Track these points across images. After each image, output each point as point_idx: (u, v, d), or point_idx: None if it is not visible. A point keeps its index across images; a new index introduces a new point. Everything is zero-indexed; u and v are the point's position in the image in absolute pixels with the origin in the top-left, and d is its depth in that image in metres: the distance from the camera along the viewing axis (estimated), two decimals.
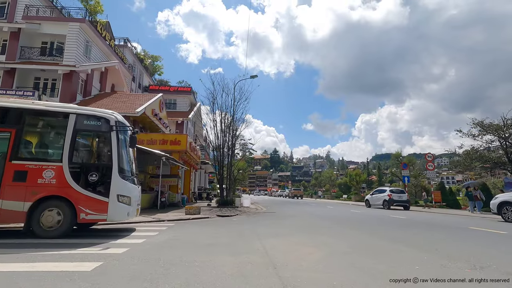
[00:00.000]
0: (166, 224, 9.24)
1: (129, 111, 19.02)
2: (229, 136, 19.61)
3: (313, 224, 9.78)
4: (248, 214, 13.86)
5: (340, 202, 32.27)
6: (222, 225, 8.94)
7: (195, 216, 11.63)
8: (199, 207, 13.11)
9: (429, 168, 21.50)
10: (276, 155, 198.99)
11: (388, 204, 18.46)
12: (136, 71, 31.92)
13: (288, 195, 51.60)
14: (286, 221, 10.66)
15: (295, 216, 12.97)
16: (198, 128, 36.72)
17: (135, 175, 7.46)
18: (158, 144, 19.13)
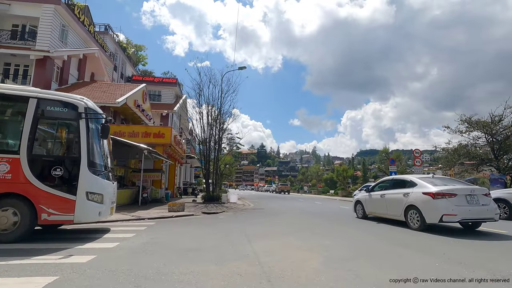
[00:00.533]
0: (146, 223, 8.47)
1: (109, 101, 17.89)
2: (216, 130, 18.83)
3: (305, 222, 9.26)
4: (235, 210, 13.23)
5: (327, 198, 32.16)
6: (207, 224, 8.26)
7: (179, 214, 10.89)
8: (183, 204, 12.37)
9: (417, 164, 21.45)
10: (263, 150, 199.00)
11: None
12: (118, 60, 30.39)
13: (275, 190, 51.33)
14: (276, 218, 10.09)
15: (285, 212, 12.44)
16: (183, 121, 35.62)
17: (110, 170, 6.65)
18: (141, 137, 18.15)
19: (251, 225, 8.24)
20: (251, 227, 7.68)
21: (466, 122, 19.08)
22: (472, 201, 6.68)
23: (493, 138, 17.27)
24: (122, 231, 6.77)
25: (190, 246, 5.11)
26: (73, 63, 20.93)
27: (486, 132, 17.48)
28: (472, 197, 6.73)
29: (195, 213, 11.62)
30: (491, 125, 17.16)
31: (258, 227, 7.76)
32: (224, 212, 12.20)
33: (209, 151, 18.71)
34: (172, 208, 11.69)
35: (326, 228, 7.85)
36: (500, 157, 17.24)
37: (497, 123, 17.03)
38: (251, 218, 10.05)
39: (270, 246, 5.18)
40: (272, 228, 7.65)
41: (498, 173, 17.03)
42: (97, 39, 23.84)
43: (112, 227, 7.40)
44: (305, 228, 7.66)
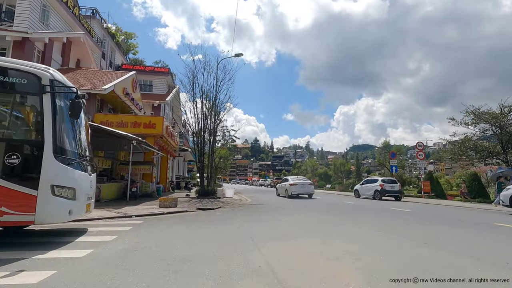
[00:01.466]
0: (132, 221, 7.34)
1: (96, 88, 16.50)
2: (211, 120, 17.65)
3: (313, 219, 8.26)
4: (232, 206, 12.17)
5: (325, 192, 31.36)
6: (203, 223, 7.17)
7: (171, 210, 9.77)
8: (176, 198, 11.25)
9: (419, 158, 20.74)
10: (257, 144, 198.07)
11: (380, 195, 17.45)
12: (106, 48, 28.73)
13: (270, 184, 50.43)
14: (280, 215, 9.06)
15: (287, 208, 11.44)
16: (176, 113, 34.23)
17: (87, 158, 5.49)
18: (130, 127, 16.88)
19: (254, 223, 7.19)
20: (254, 227, 6.63)
21: (472, 114, 18.31)
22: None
23: (502, 130, 16.53)
24: (101, 232, 5.64)
25: (184, 253, 4.02)
26: (56, 47, 19.34)
27: (494, 124, 16.72)
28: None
29: (189, 209, 10.52)
30: (500, 117, 16.39)
31: (262, 226, 6.71)
32: (221, 208, 11.13)
33: (203, 143, 17.55)
34: (163, 203, 10.57)
35: (344, 227, 6.85)
36: (509, 150, 16.53)
37: (506, 115, 16.27)
38: (252, 215, 9.00)
39: (284, 253, 4.13)
40: (279, 228, 6.61)
41: (506, 167, 16.34)
42: (83, 23, 22.20)
43: (92, 227, 6.26)
44: (316, 228, 6.65)
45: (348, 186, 33.67)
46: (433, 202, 16.59)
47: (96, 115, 16.57)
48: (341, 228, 6.63)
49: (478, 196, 17.07)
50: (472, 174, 18.16)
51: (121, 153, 18.43)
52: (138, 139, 12.57)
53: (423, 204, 15.28)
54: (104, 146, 14.73)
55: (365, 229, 6.46)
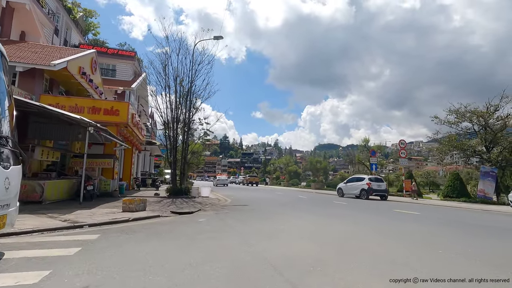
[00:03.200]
0: (83, 235, 5.16)
1: (42, 63, 13.48)
2: (186, 108, 15.41)
3: (324, 227, 6.69)
4: (214, 208, 10.25)
5: (303, 190, 30.28)
6: (187, 238, 5.19)
7: (138, 215, 7.62)
8: (145, 199, 9.07)
9: (402, 156, 20.32)
10: (226, 141, 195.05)
11: (366, 194, 16.54)
12: (60, 23, 24.85)
13: (242, 181, 48.68)
14: (276, 221, 7.37)
15: (279, 211, 9.78)
16: (143, 104, 31.00)
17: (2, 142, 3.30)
18: (87, 113, 14.12)
19: (259, 236, 5.39)
20: (263, 243, 4.82)
21: (455, 113, 18.11)
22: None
23: (486, 129, 16.42)
24: (25, 262, 3.47)
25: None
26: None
27: (478, 123, 16.57)
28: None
29: (162, 213, 8.42)
30: (485, 115, 16.23)
31: (275, 243, 4.92)
32: (201, 212, 9.15)
33: (176, 134, 15.27)
34: (128, 206, 8.35)
35: (376, 241, 5.31)
36: (491, 149, 16.48)
37: (492, 114, 16.15)
38: (246, 221, 7.19)
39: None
40: (293, 242, 4.89)
41: (489, 166, 16.26)
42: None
43: (13, 248, 4.03)
44: (343, 243, 5.05)
45: (323, 184, 33.04)
46: (422, 202, 16.02)
47: (42, 97, 13.57)
48: (372, 243, 5.09)
49: (461, 196, 16.87)
50: (453, 174, 17.98)
51: (76, 143, 15.50)
52: (96, 125, 10.07)
53: (417, 204, 14.54)
54: (51, 134, 11.95)
55: (399, 238, 4.98)
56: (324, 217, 8.60)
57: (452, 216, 9.71)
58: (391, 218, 8.46)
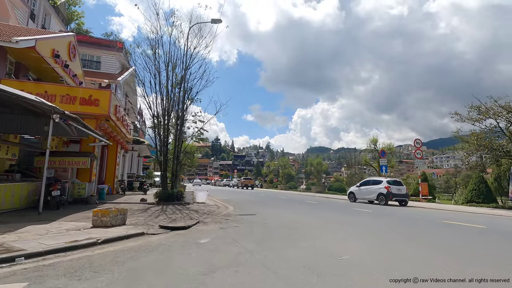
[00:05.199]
0: (14, 276, 2.87)
1: (2, 39, 11.04)
2: (179, 99, 13.14)
3: (392, 254, 4.57)
4: (216, 219, 8.01)
5: (304, 194, 28.08)
6: (190, 283, 2.98)
7: (113, 234, 5.33)
8: (124, 210, 6.75)
9: (417, 156, 18.48)
10: (218, 143, 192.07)
11: (385, 199, 14.55)
12: (37, 7, 22.22)
13: (236, 184, 46.23)
14: (325, 242, 5.22)
15: (306, 219, 7.62)
16: (131, 101, 28.41)
17: None
18: (59, 102, 11.76)
19: (303, 273, 3.22)
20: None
21: (476, 109, 16.39)
22: None
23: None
24: None
25: None
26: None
27: (508, 120, 14.83)
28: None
29: (148, 228, 6.14)
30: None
31: None
32: (200, 225, 6.90)
33: (167, 129, 12.95)
34: (100, 219, 6.05)
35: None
36: None
37: None
38: (265, 244, 5.00)
39: None
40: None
41: None
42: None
43: None
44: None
45: (324, 188, 31.06)
46: (453, 208, 14.11)
47: (3, 81, 11.09)
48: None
49: (488, 201, 15.08)
50: (478, 176, 16.21)
51: (52, 140, 13.00)
52: (63, 112, 7.71)
53: (461, 213, 12.47)
54: (11, 126, 9.54)
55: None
56: (378, 234, 6.49)
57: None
58: (465, 237, 6.41)
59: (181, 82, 13.14)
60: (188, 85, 13.46)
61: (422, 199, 17.75)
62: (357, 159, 59.51)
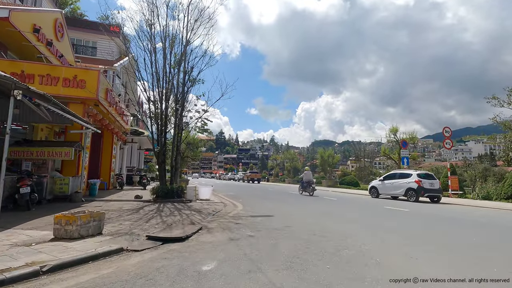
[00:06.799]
0: None
1: None
2: (177, 80, 11.34)
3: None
4: (223, 223, 6.27)
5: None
6: None
7: (71, 255, 3.60)
8: (101, 213, 5.03)
9: (447, 147, 16.51)
10: (222, 137, 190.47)
11: (416, 194, 12.67)
12: None
13: (242, 178, 44.54)
14: (400, 268, 3.45)
15: (345, 227, 5.84)
16: (132, 90, 26.64)
17: None
18: (38, 84, 10.11)
19: None
20: None
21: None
22: None
23: None
24: None
25: None
26: None
27: None
28: None
29: (131, 240, 4.42)
30: None
31: None
32: (203, 234, 5.16)
33: (165, 115, 11.19)
34: (63, 228, 4.36)
35: None
36: None
37: None
38: (304, 269, 3.24)
39: None
40: None
41: None
42: None
43: None
44: None
45: (336, 181, 29.19)
46: (489, 205, 12.22)
47: None
48: None
49: None
50: None
51: (39, 130, 11.40)
52: (26, 86, 5.92)
53: (494, 210, 10.70)
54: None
55: None
56: (452, 247, 4.69)
57: None
58: None
59: (180, 61, 11.32)
60: (188, 65, 11.65)
61: (452, 194, 15.84)
62: (366, 151, 57.35)
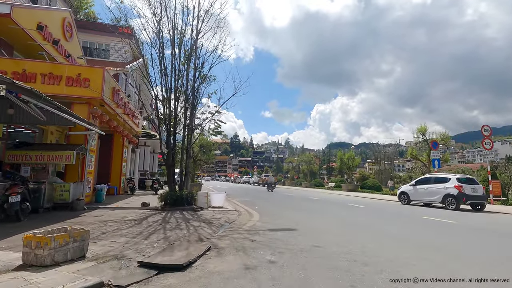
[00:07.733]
0: None
1: None
2: (187, 76, 10.43)
3: None
4: (236, 241, 5.18)
5: (335, 193, 24.69)
6: None
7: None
8: (84, 232, 4.04)
9: (486, 147, 14.74)
10: (237, 139, 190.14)
11: (456, 202, 11.10)
12: None
13: (257, 182, 43.32)
14: None
15: (401, 257, 4.63)
16: (145, 94, 26.21)
17: None
18: (40, 83, 9.43)
19: None
20: None
21: None
22: None
23: None
24: None
25: None
26: None
27: None
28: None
29: (118, 269, 3.39)
30: None
31: None
32: (211, 257, 4.08)
33: (175, 114, 10.29)
34: (33, 252, 3.38)
35: None
36: None
37: None
38: None
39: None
40: None
41: None
42: None
43: None
44: None
45: (357, 186, 27.51)
46: None
47: None
48: None
49: None
50: None
51: (49, 133, 10.87)
52: (10, 80, 5.08)
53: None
54: None
55: None
56: None
57: None
58: None
59: (190, 56, 10.42)
60: (199, 61, 10.74)
61: (493, 201, 14.06)
62: (386, 154, 55.02)
